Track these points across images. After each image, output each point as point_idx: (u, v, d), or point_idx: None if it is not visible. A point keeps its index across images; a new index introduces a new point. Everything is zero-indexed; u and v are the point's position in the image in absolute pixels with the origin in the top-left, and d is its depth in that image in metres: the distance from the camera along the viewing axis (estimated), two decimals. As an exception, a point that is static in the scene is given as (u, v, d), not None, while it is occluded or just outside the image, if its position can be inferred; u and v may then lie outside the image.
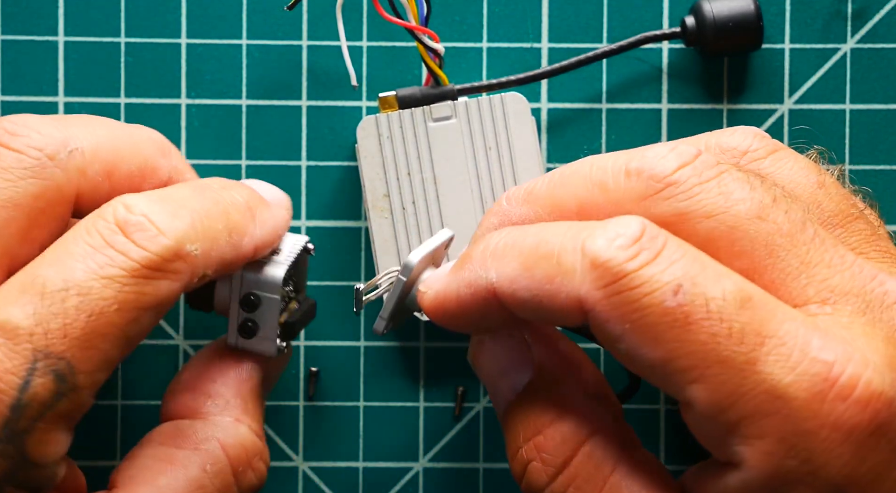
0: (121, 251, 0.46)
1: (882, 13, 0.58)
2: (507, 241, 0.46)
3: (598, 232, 0.44)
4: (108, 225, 0.46)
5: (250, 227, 0.49)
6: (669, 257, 0.44)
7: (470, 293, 0.47)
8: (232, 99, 0.58)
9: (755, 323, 0.43)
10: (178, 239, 0.46)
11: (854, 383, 0.43)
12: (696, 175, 0.46)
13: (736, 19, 0.56)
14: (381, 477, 0.58)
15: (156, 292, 0.46)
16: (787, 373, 0.43)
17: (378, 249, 0.56)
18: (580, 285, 0.44)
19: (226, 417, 0.51)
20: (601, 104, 0.58)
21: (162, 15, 0.58)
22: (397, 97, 0.56)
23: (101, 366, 0.45)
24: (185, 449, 0.50)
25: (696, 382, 0.43)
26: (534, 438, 0.47)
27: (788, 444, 0.43)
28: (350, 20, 0.58)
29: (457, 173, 0.56)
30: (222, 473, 0.50)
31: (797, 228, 0.46)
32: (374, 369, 0.58)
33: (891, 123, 0.58)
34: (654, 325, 0.43)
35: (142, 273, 0.45)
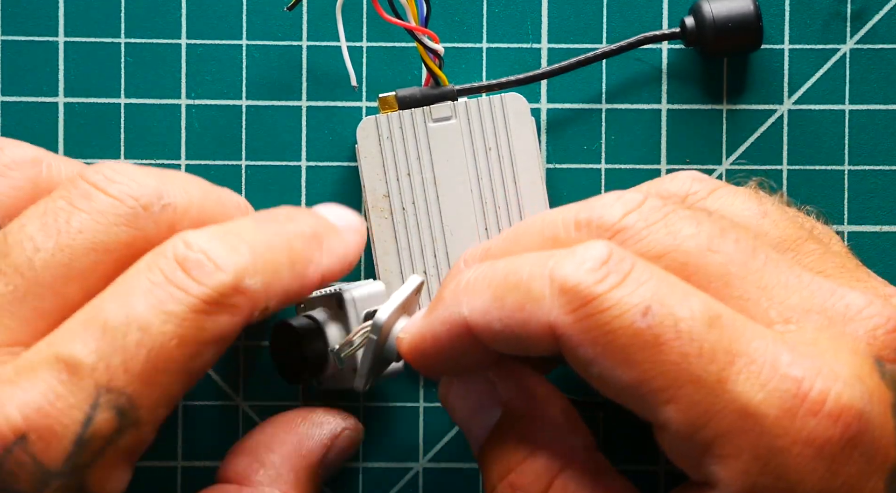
0: (180, 287, 0.46)
1: (882, 13, 0.58)
2: (477, 275, 0.47)
3: (566, 258, 0.45)
4: (169, 262, 0.46)
5: (315, 256, 0.49)
6: (637, 278, 0.44)
7: (445, 331, 0.47)
8: (232, 99, 0.58)
9: (724, 341, 0.44)
10: (236, 274, 0.46)
11: (824, 398, 0.43)
12: (642, 219, 0.46)
13: (735, 20, 0.56)
14: (381, 477, 0.58)
15: (216, 327, 0.46)
16: (758, 390, 0.43)
17: (378, 249, 0.56)
18: (549, 311, 0.44)
19: (274, 489, 0.51)
20: (601, 105, 0.58)
21: (162, 15, 0.58)
22: (397, 98, 0.56)
23: (162, 401, 0.46)
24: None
25: (669, 402, 0.43)
26: (507, 476, 0.48)
27: (762, 461, 0.43)
28: (350, 20, 0.58)
29: (457, 174, 0.56)
30: None
31: (748, 256, 0.46)
32: (374, 369, 0.58)
33: (890, 124, 0.58)
34: (625, 347, 0.43)
35: (201, 308, 0.46)
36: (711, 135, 0.58)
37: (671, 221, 0.46)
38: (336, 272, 0.50)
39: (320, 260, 0.49)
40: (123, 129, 0.58)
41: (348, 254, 0.51)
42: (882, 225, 0.58)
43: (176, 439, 0.58)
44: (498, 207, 0.56)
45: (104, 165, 0.49)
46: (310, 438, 0.53)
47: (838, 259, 0.49)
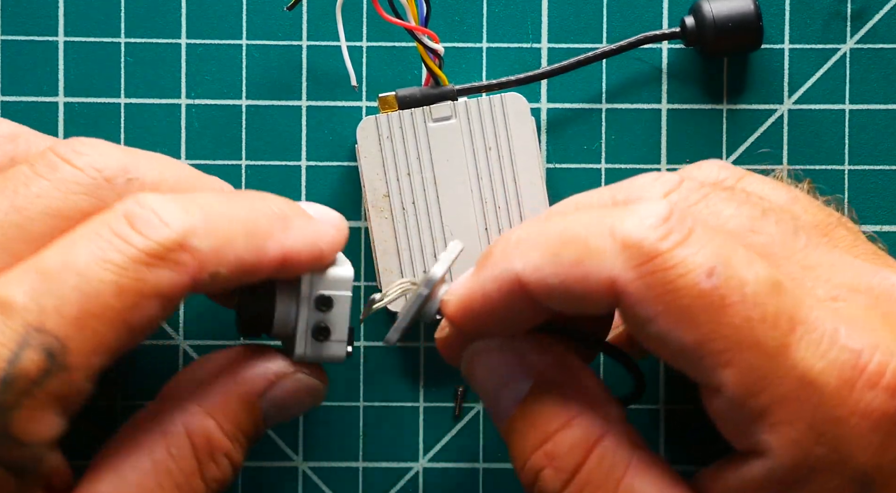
0: (123, 238, 0.46)
1: (882, 13, 0.58)
2: (528, 232, 0.46)
3: (627, 214, 0.44)
4: (117, 216, 0.46)
5: (277, 232, 0.49)
6: (700, 238, 0.44)
7: (496, 289, 0.46)
8: (232, 99, 0.58)
9: (787, 308, 0.43)
10: (183, 231, 0.46)
11: (882, 371, 0.43)
12: (682, 199, 0.46)
13: (736, 19, 0.56)
14: (381, 477, 0.58)
15: (157, 280, 0.46)
16: (819, 359, 0.43)
17: (378, 249, 0.56)
18: (611, 266, 0.44)
19: (196, 406, 0.50)
20: (601, 104, 0.58)
21: (162, 15, 0.58)
22: (397, 97, 0.56)
23: (95, 349, 0.45)
24: (152, 433, 0.50)
25: (728, 365, 0.43)
26: (543, 445, 0.47)
27: (818, 431, 0.43)
28: (350, 20, 0.58)
29: (457, 173, 0.56)
30: (186, 458, 0.50)
31: (790, 236, 0.46)
32: (374, 369, 0.58)
33: (890, 123, 0.58)
34: (689, 307, 0.43)
35: (142, 260, 0.45)
36: (711, 135, 0.58)
37: (712, 202, 0.46)
38: (303, 256, 0.49)
39: (283, 238, 0.49)
40: (123, 129, 0.58)
41: (318, 241, 0.50)
42: (882, 225, 0.58)
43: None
44: (498, 206, 0.56)
45: (76, 140, 0.49)
46: (250, 368, 0.51)
47: (869, 246, 0.49)
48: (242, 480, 0.58)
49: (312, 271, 0.51)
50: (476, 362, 0.49)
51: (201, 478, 0.50)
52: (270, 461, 0.58)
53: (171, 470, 0.49)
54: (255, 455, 0.58)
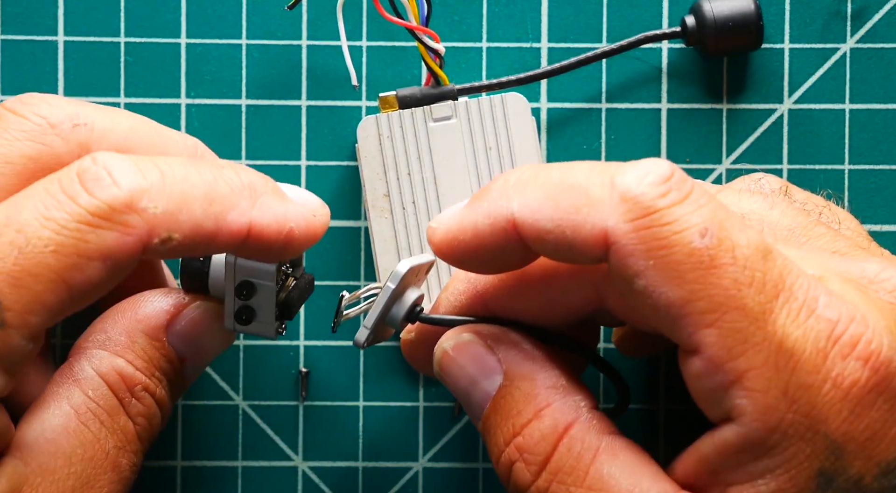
0: (70, 196, 0.45)
1: (881, 13, 0.58)
2: (529, 174, 0.46)
3: (630, 168, 0.45)
4: (69, 173, 0.46)
5: (242, 204, 0.47)
6: (697, 200, 0.44)
7: (488, 224, 0.46)
8: (232, 99, 0.58)
9: (774, 274, 0.44)
10: (133, 192, 0.45)
11: (855, 342, 0.44)
12: None
13: (736, 19, 0.56)
14: (380, 477, 0.58)
15: (101, 242, 0.45)
16: (796, 328, 0.44)
17: (378, 249, 0.56)
18: (608, 216, 0.44)
19: (103, 350, 0.50)
20: (601, 104, 0.58)
21: (162, 15, 0.58)
22: (397, 97, 0.56)
23: (33, 308, 0.45)
24: (65, 383, 0.50)
25: (711, 325, 0.43)
26: (514, 440, 0.47)
27: (791, 398, 0.43)
28: (350, 20, 0.58)
29: (457, 173, 0.56)
30: (106, 396, 0.50)
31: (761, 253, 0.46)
32: (374, 368, 0.58)
33: (890, 123, 0.58)
34: (679, 263, 0.43)
35: (85, 220, 0.45)
36: (711, 134, 0.58)
37: None
38: (270, 234, 0.47)
39: (247, 211, 0.47)
40: (123, 128, 0.58)
41: (287, 221, 0.48)
42: (882, 224, 0.58)
43: (176, 439, 0.58)
44: (498, 206, 0.56)
45: (27, 94, 0.49)
46: (149, 304, 0.51)
47: (848, 241, 0.49)
48: (242, 480, 0.58)
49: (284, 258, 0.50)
50: (446, 361, 0.49)
51: (126, 414, 0.50)
52: (270, 461, 0.58)
53: (93, 409, 0.49)
54: (255, 455, 0.58)
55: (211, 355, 0.53)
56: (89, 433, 0.49)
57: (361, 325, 0.50)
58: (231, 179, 0.47)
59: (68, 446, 0.48)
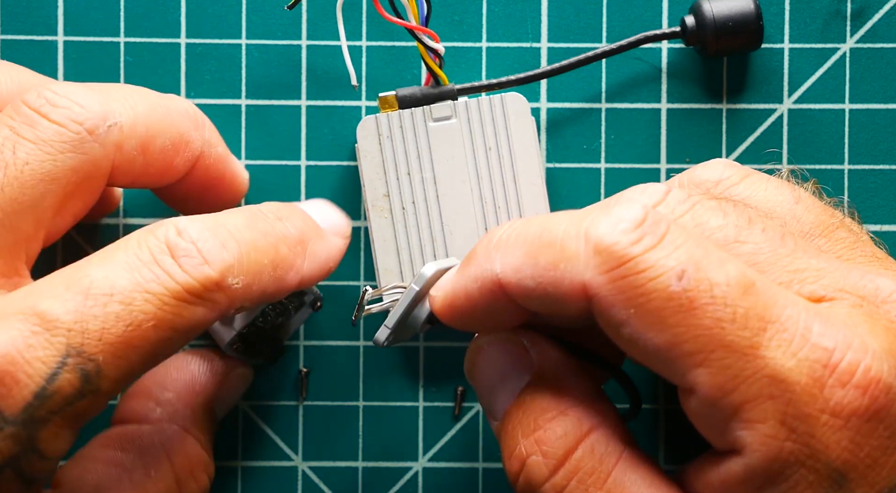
0: (167, 271, 0.46)
1: (881, 13, 0.58)
2: (510, 232, 0.47)
3: (602, 217, 0.45)
4: (159, 244, 0.47)
5: (298, 262, 0.50)
6: (673, 241, 0.44)
7: (477, 287, 0.47)
8: (232, 99, 0.58)
9: (758, 308, 0.44)
10: (221, 271, 0.47)
11: (853, 370, 0.44)
12: (669, 212, 0.47)
13: (736, 19, 0.56)
14: (380, 477, 0.58)
15: (191, 316, 0.46)
16: (789, 358, 0.43)
17: (378, 249, 0.56)
18: (584, 271, 0.44)
19: (173, 425, 0.52)
20: (601, 104, 0.58)
21: (162, 15, 0.58)
22: (397, 97, 0.56)
23: (126, 376, 0.46)
24: (131, 453, 0.51)
25: (700, 366, 0.43)
26: (534, 433, 0.47)
27: (789, 427, 0.43)
28: (350, 20, 0.58)
29: (457, 173, 0.56)
30: (165, 479, 0.51)
31: (777, 243, 0.46)
32: (374, 368, 0.58)
33: (890, 123, 0.58)
34: (659, 309, 0.43)
35: (182, 297, 0.46)
36: (711, 134, 0.58)
37: (697, 213, 0.47)
38: (315, 279, 0.51)
39: (301, 266, 0.50)
40: (123, 128, 0.58)
41: (330, 259, 0.51)
42: (882, 224, 0.58)
43: None
44: (498, 206, 0.56)
45: (46, 87, 0.49)
46: (202, 375, 0.53)
47: (868, 249, 0.49)
48: (242, 480, 0.58)
49: None
50: (479, 355, 0.50)
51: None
52: (270, 461, 0.58)
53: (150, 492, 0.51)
54: (254, 455, 0.58)
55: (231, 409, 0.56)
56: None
57: (383, 324, 0.50)
58: (288, 237, 0.50)
59: None
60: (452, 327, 0.49)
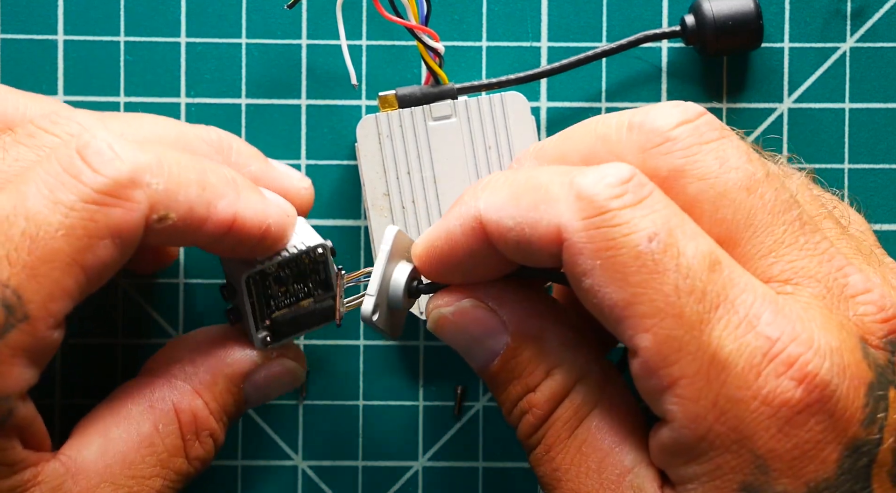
0: (74, 175, 0.45)
1: (881, 12, 0.58)
2: (498, 177, 0.47)
3: (590, 171, 0.45)
4: (69, 150, 0.45)
5: (230, 194, 0.48)
6: (652, 205, 0.44)
7: (458, 226, 0.47)
8: (232, 98, 0.58)
9: (717, 287, 0.44)
10: (136, 166, 0.45)
11: (792, 362, 0.44)
12: (696, 135, 0.47)
13: (736, 18, 0.56)
14: (380, 476, 0.58)
15: (108, 220, 0.45)
16: (732, 341, 0.44)
17: (378, 249, 0.56)
18: (562, 213, 0.45)
19: (186, 384, 0.51)
20: (601, 103, 0.58)
21: (162, 14, 0.58)
22: (397, 96, 0.56)
23: (53, 295, 0.45)
24: (141, 405, 0.50)
25: (648, 331, 0.44)
26: (527, 395, 0.49)
27: (720, 409, 0.44)
28: (350, 19, 0.58)
29: (457, 172, 0.56)
30: (172, 435, 0.50)
31: (781, 208, 0.47)
32: (374, 368, 0.58)
33: (890, 123, 0.58)
34: (624, 265, 0.44)
35: (92, 198, 0.45)
36: (711, 134, 0.58)
37: (723, 147, 0.47)
38: (251, 227, 0.48)
39: (235, 202, 0.48)
40: (123, 127, 0.58)
41: (267, 217, 0.49)
42: (882, 224, 0.58)
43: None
44: (498, 205, 0.56)
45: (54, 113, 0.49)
46: (238, 351, 0.52)
47: (854, 242, 0.49)
48: (242, 479, 0.58)
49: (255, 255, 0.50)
50: (444, 325, 0.50)
51: (185, 456, 0.50)
52: (270, 461, 0.58)
53: (156, 445, 0.50)
54: (254, 455, 0.58)
55: (271, 400, 0.54)
56: (146, 468, 0.49)
57: (365, 295, 0.50)
58: (218, 170, 0.48)
59: (121, 476, 0.49)
60: (429, 276, 0.49)
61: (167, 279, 0.58)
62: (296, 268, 0.51)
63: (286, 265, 0.51)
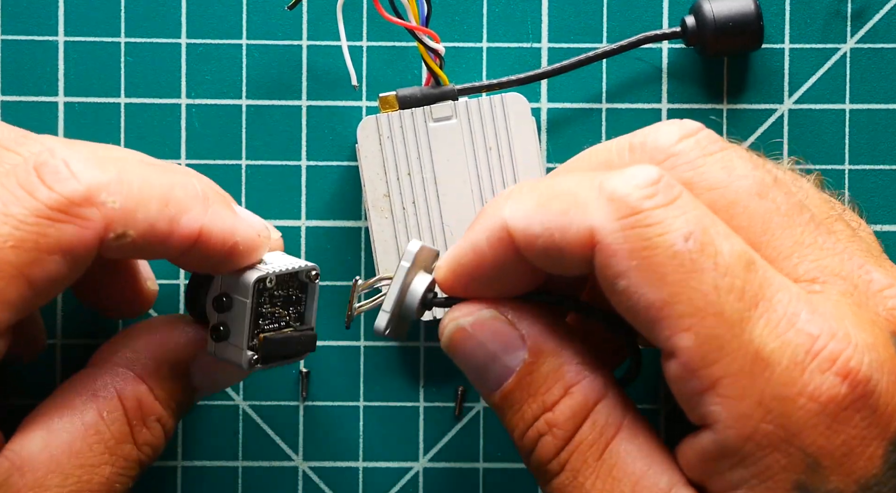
0: (28, 191, 0.45)
1: (882, 13, 0.58)
2: (521, 186, 0.47)
3: (617, 174, 0.45)
4: (26, 167, 0.46)
5: (196, 209, 0.48)
6: (683, 205, 0.44)
7: (485, 238, 0.46)
8: (232, 99, 0.58)
9: (754, 285, 0.44)
10: (91, 185, 0.45)
11: (835, 358, 0.44)
12: (699, 148, 0.47)
13: (736, 19, 0.56)
14: (380, 477, 0.58)
15: (60, 235, 0.45)
16: (774, 339, 0.44)
17: (378, 249, 0.56)
18: (594, 216, 0.44)
19: (128, 371, 0.50)
20: (601, 104, 0.58)
21: (162, 15, 0.58)
22: (397, 97, 0.56)
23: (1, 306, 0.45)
24: (84, 395, 0.50)
25: (689, 329, 0.44)
26: (544, 415, 0.47)
27: (766, 408, 0.44)
28: (350, 20, 0.58)
29: (457, 173, 0.56)
30: (118, 421, 0.50)
31: (795, 210, 0.47)
32: (374, 369, 0.58)
33: (891, 123, 0.58)
34: (661, 265, 0.44)
35: (44, 214, 0.45)
36: (712, 134, 0.58)
37: (728, 157, 0.47)
38: (216, 243, 0.48)
39: (201, 216, 0.48)
40: (123, 128, 0.58)
41: (234, 234, 0.49)
42: (882, 224, 0.58)
43: (176, 439, 0.58)
44: (498, 206, 0.56)
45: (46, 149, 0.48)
46: (183, 333, 0.51)
47: (864, 244, 0.49)
48: (242, 480, 0.58)
49: (222, 271, 0.50)
50: (462, 335, 0.49)
51: (133, 442, 0.50)
52: (270, 461, 0.58)
53: (102, 432, 0.49)
54: (255, 455, 0.58)
55: (222, 389, 0.54)
56: (93, 456, 0.49)
57: (380, 310, 0.49)
58: (186, 185, 0.48)
59: (68, 466, 0.49)
60: (454, 294, 0.48)
61: (168, 280, 0.58)
62: (286, 290, 0.51)
63: (281, 284, 0.51)
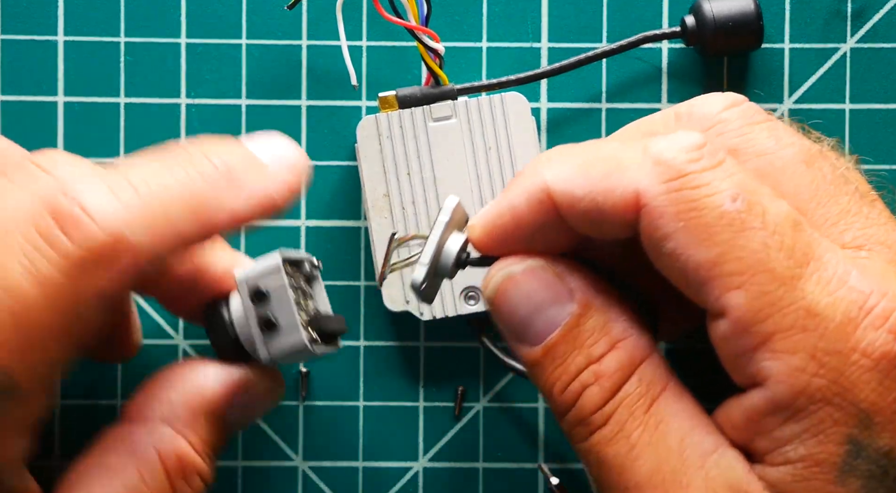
0: (53, 245, 0.44)
1: (882, 13, 0.58)
2: (561, 150, 0.47)
3: (661, 138, 0.45)
4: (42, 215, 0.44)
5: (227, 199, 0.46)
6: (728, 169, 0.44)
7: (524, 200, 0.46)
8: (232, 99, 0.58)
9: (802, 244, 0.44)
10: (114, 229, 0.44)
11: (887, 315, 0.44)
12: (745, 116, 0.47)
13: (736, 19, 0.56)
14: (380, 477, 0.58)
15: (93, 284, 0.44)
16: (826, 295, 0.44)
17: (378, 248, 0.56)
18: (639, 178, 0.44)
19: (167, 427, 0.49)
20: (601, 104, 0.58)
21: (162, 15, 0.58)
22: (397, 97, 0.56)
23: (43, 366, 0.44)
24: (122, 455, 0.49)
25: (740, 287, 0.44)
26: (590, 366, 0.47)
27: (819, 362, 0.43)
28: (350, 20, 0.58)
29: (457, 173, 0.56)
30: (160, 482, 0.49)
31: (840, 180, 0.47)
32: (374, 369, 0.58)
33: (891, 123, 0.58)
34: (709, 225, 0.44)
35: (72, 270, 0.43)
36: (712, 134, 0.58)
37: (774, 126, 0.47)
38: (255, 214, 0.47)
39: (233, 203, 0.46)
40: (123, 128, 0.58)
41: (272, 193, 0.47)
42: (882, 224, 0.58)
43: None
44: (498, 206, 0.56)
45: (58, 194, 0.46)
46: (213, 379, 0.50)
47: (887, 213, 0.49)
48: (242, 480, 0.58)
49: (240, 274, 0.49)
50: (509, 286, 0.47)
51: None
52: (270, 461, 0.58)
53: None
54: (255, 455, 0.58)
55: (255, 420, 0.53)
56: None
57: (418, 263, 0.47)
58: (206, 170, 0.46)
59: None
60: (489, 252, 0.47)
61: (167, 280, 0.58)
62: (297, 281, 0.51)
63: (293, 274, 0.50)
